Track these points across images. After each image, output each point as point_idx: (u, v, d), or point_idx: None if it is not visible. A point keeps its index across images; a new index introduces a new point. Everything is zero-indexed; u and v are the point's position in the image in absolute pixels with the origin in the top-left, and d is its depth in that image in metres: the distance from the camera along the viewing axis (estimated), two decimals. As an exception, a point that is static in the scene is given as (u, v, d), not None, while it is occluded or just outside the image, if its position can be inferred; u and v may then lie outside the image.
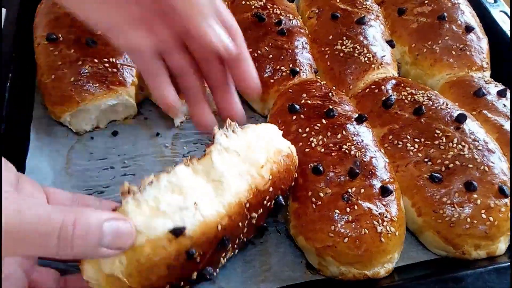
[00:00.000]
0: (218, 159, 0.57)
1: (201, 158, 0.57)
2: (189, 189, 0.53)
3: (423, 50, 0.96)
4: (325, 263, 0.69)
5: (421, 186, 0.74)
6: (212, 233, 0.54)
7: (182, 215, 0.51)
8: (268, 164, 0.60)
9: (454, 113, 0.80)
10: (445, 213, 0.71)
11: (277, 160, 0.62)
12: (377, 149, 0.77)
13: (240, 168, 0.58)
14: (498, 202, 0.71)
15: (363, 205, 0.69)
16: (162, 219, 0.51)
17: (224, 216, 0.55)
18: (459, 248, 0.72)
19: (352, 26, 0.96)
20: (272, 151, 0.62)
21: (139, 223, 0.50)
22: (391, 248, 0.68)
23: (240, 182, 0.57)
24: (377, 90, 0.87)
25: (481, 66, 0.95)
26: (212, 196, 0.55)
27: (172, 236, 0.51)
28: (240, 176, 0.57)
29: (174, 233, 0.51)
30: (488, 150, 0.76)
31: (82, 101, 0.81)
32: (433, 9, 1.00)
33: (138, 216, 0.50)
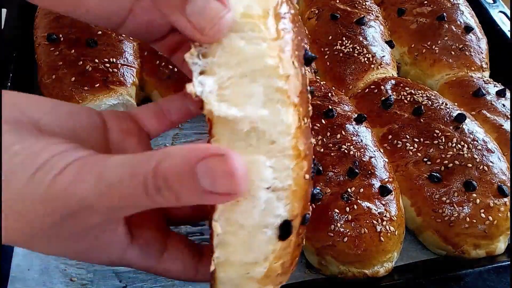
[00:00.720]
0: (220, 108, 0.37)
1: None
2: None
3: (423, 50, 0.96)
4: (324, 263, 0.69)
5: (421, 186, 0.74)
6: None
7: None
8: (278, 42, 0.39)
9: (454, 113, 0.81)
10: (444, 212, 0.71)
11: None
12: (377, 149, 0.77)
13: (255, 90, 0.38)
14: (497, 202, 0.72)
15: (362, 204, 0.69)
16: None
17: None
18: (458, 247, 0.72)
19: (352, 26, 0.97)
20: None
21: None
22: (390, 247, 0.68)
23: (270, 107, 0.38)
24: (377, 90, 0.87)
25: (480, 66, 0.96)
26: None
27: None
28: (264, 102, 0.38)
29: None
30: (487, 150, 0.76)
31: (83, 101, 0.81)
32: (433, 9, 1.01)
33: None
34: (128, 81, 0.85)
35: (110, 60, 0.85)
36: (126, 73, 0.85)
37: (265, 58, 0.37)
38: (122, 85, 0.84)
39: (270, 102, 0.37)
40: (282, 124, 0.37)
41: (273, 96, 0.37)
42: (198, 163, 0.32)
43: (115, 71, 0.85)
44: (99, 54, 0.85)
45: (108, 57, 0.85)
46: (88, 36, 0.86)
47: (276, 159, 0.37)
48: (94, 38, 0.86)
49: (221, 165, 0.32)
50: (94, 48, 0.86)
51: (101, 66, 0.84)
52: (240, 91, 0.37)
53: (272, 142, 0.37)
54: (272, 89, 0.37)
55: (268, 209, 0.38)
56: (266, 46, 0.37)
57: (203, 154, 0.33)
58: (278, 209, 0.38)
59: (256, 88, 0.37)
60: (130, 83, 0.86)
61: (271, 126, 0.37)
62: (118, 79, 0.84)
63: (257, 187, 0.37)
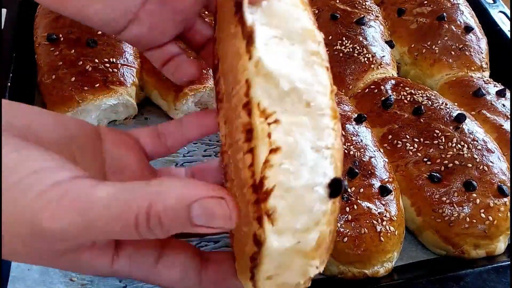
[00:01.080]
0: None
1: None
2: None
3: (423, 50, 0.96)
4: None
5: (421, 186, 0.74)
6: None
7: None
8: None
9: (454, 113, 0.81)
10: (444, 212, 0.71)
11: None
12: (377, 149, 0.77)
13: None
14: (497, 202, 0.72)
15: (362, 204, 0.69)
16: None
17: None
18: (458, 247, 0.72)
19: (352, 26, 0.97)
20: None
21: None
22: (390, 247, 0.68)
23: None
24: (377, 90, 0.87)
25: (480, 66, 0.96)
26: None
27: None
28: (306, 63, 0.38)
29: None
30: (487, 150, 0.77)
31: (83, 101, 0.81)
32: (433, 9, 1.01)
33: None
34: (128, 81, 0.85)
35: (110, 60, 0.85)
36: (126, 73, 0.85)
37: (301, 20, 0.39)
38: (122, 85, 0.84)
39: (308, 64, 0.38)
40: (320, 85, 0.38)
41: (310, 59, 0.38)
42: (194, 203, 0.32)
43: (115, 71, 0.85)
44: (99, 54, 0.85)
45: (108, 57, 0.85)
46: (88, 36, 0.86)
47: (317, 119, 0.37)
48: (94, 38, 0.86)
49: (219, 208, 0.33)
50: (94, 48, 0.86)
51: (101, 66, 0.84)
52: (281, 51, 0.37)
53: (311, 102, 0.37)
54: (309, 52, 0.38)
55: (316, 167, 0.36)
56: (302, 10, 0.39)
57: (200, 196, 0.32)
58: (326, 168, 0.37)
59: (296, 50, 0.38)
60: (130, 83, 0.86)
61: (310, 86, 0.37)
62: (118, 79, 0.84)
63: (303, 147, 0.36)
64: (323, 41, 0.41)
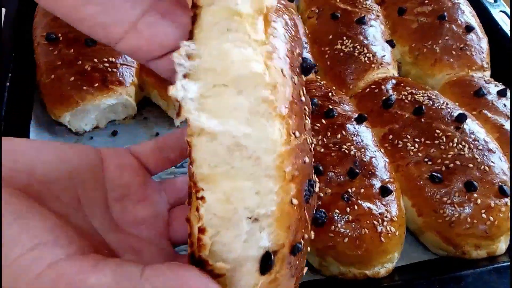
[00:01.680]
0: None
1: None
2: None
3: (423, 50, 0.96)
4: (325, 263, 0.69)
5: (421, 186, 0.74)
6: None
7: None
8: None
9: (454, 113, 0.80)
10: (445, 213, 0.71)
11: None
12: (377, 149, 0.77)
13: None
14: (498, 202, 0.71)
15: (363, 205, 0.68)
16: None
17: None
18: (459, 248, 0.72)
19: (352, 25, 0.96)
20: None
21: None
22: (391, 248, 0.68)
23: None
24: (377, 90, 0.87)
25: (481, 66, 0.95)
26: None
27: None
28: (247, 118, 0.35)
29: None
30: (489, 150, 0.76)
31: (82, 100, 0.81)
32: (433, 9, 1.00)
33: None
34: (127, 81, 0.85)
35: (109, 59, 0.85)
36: (125, 73, 0.85)
37: (250, 63, 0.34)
38: (121, 85, 0.84)
39: (255, 115, 0.34)
40: (267, 140, 0.34)
41: (258, 108, 0.34)
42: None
43: (114, 71, 0.84)
44: (98, 54, 0.85)
45: (107, 57, 0.85)
46: (87, 36, 0.85)
47: (260, 180, 0.34)
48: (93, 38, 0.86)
49: None
50: (93, 48, 0.86)
51: (100, 65, 0.84)
52: (224, 101, 0.34)
53: (256, 160, 0.34)
54: (257, 99, 0.34)
55: (250, 240, 0.35)
56: (252, 51, 0.34)
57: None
58: (262, 239, 0.35)
59: (241, 99, 0.34)
60: (129, 82, 0.85)
61: (255, 143, 0.34)
62: (117, 78, 0.84)
63: (239, 216, 0.34)
64: (283, 82, 0.35)
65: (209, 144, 0.34)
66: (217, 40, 0.34)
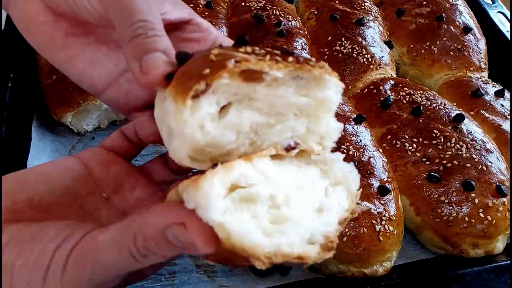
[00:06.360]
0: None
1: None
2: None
3: (421, 51, 0.97)
4: (324, 262, 0.69)
5: (419, 186, 0.74)
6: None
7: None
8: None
9: (452, 113, 0.81)
10: (443, 212, 0.72)
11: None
12: (376, 149, 0.77)
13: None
14: (495, 201, 0.72)
15: (361, 204, 0.69)
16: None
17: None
18: (457, 247, 0.72)
19: (351, 27, 0.97)
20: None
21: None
22: (389, 246, 0.69)
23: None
24: (376, 91, 0.88)
25: (479, 67, 0.96)
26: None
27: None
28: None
29: None
30: (486, 150, 0.77)
31: (83, 101, 0.82)
32: (431, 10, 1.01)
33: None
34: (128, 82, 0.85)
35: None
36: (127, 74, 0.86)
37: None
38: (122, 86, 0.84)
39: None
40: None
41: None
42: (166, 231, 0.36)
43: (116, 72, 0.85)
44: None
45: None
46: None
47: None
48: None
49: (182, 234, 0.36)
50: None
51: (101, 66, 0.84)
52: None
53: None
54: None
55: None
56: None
57: (168, 223, 0.36)
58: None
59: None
60: (130, 83, 0.86)
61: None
62: (119, 79, 0.84)
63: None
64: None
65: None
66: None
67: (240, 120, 0.41)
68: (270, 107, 0.42)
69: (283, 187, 0.40)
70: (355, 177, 0.43)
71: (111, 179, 0.50)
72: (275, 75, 0.40)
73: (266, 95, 0.41)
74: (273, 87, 0.41)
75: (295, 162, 0.44)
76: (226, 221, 0.35)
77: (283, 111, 0.42)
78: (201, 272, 0.70)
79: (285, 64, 0.40)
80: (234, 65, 0.38)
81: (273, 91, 0.41)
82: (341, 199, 0.42)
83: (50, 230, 0.41)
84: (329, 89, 0.43)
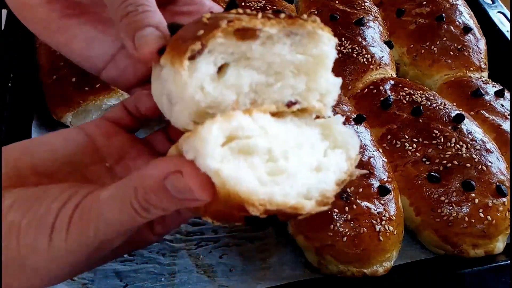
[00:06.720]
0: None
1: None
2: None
3: (421, 51, 0.97)
4: (324, 262, 0.69)
5: (419, 186, 0.74)
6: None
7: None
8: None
9: (452, 113, 0.81)
10: (443, 212, 0.72)
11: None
12: (375, 149, 0.77)
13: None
14: (495, 201, 0.72)
15: (361, 204, 0.69)
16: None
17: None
18: (457, 247, 0.72)
19: (351, 27, 0.97)
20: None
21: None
22: (389, 247, 0.69)
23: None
24: (376, 91, 0.88)
25: (479, 67, 0.96)
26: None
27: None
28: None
29: None
30: (486, 150, 0.77)
31: (84, 101, 0.82)
32: (431, 10, 1.01)
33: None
34: (128, 82, 0.85)
35: (111, 60, 0.85)
36: (127, 74, 0.86)
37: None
38: (122, 86, 0.85)
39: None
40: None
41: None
42: (165, 181, 0.37)
43: (116, 72, 0.85)
44: (100, 55, 0.85)
45: (108, 58, 0.85)
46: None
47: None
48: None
49: (180, 182, 0.36)
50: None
51: (101, 66, 0.84)
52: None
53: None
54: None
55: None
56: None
57: (166, 173, 0.37)
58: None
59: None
60: (130, 83, 0.86)
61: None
62: (119, 79, 0.84)
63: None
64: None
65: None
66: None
67: (239, 79, 0.41)
68: (268, 66, 0.42)
69: (282, 142, 0.40)
70: (355, 143, 0.43)
71: (114, 149, 0.50)
72: (268, 32, 0.41)
73: (262, 54, 0.42)
74: (268, 45, 0.42)
75: (296, 122, 0.44)
76: (222, 168, 0.36)
77: (281, 69, 0.43)
78: (201, 272, 0.70)
79: (278, 20, 0.41)
80: (227, 24, 0.39)
81: (269, 49, 0.42)
82: (340, 161, 0.42)
83: (54, 190, 0.42)
84: (324, 44, 0.43)
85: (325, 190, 0.40)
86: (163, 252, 0.71)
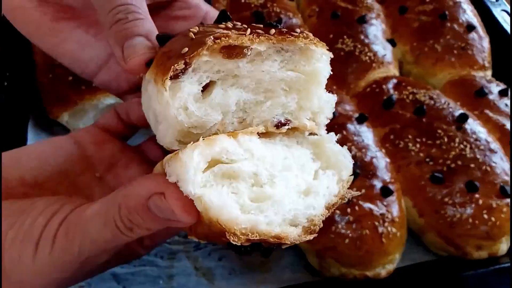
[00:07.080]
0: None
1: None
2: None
3: (425, 49, 0.96)
4: (325, 264, 0.68)
5: (423, 187, 0.73)
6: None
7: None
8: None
9: (456, 113, 0.80)
10: (446, 213, 0.71)
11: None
12: (378, 149, 0.76)
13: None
14: (499, 202, 0.71)
15: (364, 205, 0.68)
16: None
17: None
18: (460, 248, 0.71)
19: (353, 24, 0.96)
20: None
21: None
22: (392, 249, 0.68)
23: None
24: (378, 90, 0.86)
25: (482, 65, 0.95)
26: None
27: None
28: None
29: None
30: (490, 150, 0.76)
31: (80, 100, 0.81)
32: (435, 7, 1.00)
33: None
34: (126, 80, 0.85)
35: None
36: (124, 72, 0.85)
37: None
38: (120, 84, 0.84)
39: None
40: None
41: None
42: (148, 201, 0.37)
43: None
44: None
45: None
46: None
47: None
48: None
49: (163, 203, 0.36)
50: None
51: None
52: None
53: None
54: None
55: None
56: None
57: (149, 193, 0.37)
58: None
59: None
60: (128, 82, 0.85)
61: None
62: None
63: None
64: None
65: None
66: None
67: (225, 98, 0.40)
68: (257, 83, 0.41)
69: (269, 165, 0.39)
70: (348, 163, 0.42)
71: (104, 157, 0.50)
72: (257, 49, 0.39)
73: (250, 71, 0.40)
74: (257, 62, 0.40)
75: (286, 142, 0.43)
76: (204, 194, 0.35)
77: (271, 87, 0.42)
78: (200, 275, 0.69)
79: (267, 37, 0.39)
80: (213, 41, 0.38)
81: (258, 67, 0.40)
82: (330, 183, 0.41)
83: (40, 204, 0.42)
84: (316, 61, 0.42)
85: (313, 215, 0.39)
86: (161, 255, 0.71)
